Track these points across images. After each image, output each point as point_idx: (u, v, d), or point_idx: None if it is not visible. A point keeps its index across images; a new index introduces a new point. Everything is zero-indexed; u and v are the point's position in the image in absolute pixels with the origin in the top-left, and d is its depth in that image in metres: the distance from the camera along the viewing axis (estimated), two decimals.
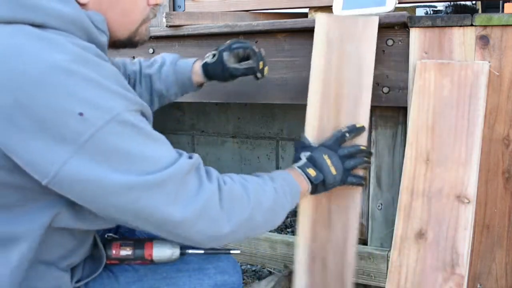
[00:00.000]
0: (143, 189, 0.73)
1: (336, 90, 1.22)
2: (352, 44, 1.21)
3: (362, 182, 1.13)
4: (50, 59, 0.71)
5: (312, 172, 1.06)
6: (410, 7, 1.82)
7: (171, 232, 0.79)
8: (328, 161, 1.07)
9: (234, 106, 2.85)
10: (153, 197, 0.74)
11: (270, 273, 1.93)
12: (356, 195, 1.19)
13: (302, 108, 1.34)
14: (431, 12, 2.25)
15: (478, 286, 1.27)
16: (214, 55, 1.23)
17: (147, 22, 0.94)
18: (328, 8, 1.47)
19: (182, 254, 1.03)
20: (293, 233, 2.30)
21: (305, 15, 1.62)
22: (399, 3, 1.36)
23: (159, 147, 0.78)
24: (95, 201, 0.74)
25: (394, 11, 1.28)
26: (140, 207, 0.75)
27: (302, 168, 1.06)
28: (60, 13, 0.76)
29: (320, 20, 1.24)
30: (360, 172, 1.14)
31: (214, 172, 0.87)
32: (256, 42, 1.44)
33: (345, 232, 1.21)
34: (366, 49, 1.19)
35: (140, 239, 1.03)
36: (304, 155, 1.10)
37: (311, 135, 1.23)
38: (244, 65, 1.22)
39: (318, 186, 1.07)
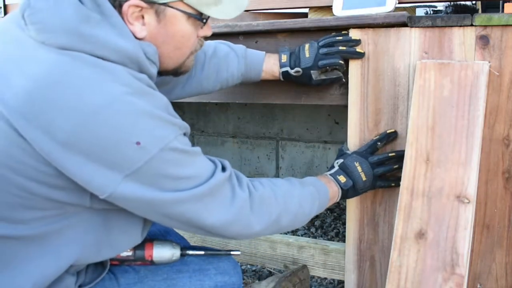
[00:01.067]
0: (187, 202, 0.84)
1: (373, 103, 1.31)
2: (386, 57, 1.27)
3: (391, 184, 1.22)
4: (112, 91, 0.76)
5: (342, 178, 1.16)
6: (410, 7, 1.82)
7: (210, 233, 0.91)
8: (359, 168, 1.17)
9: (234, 106, 2.85)
10: (196, 208, 0.85)
11: (270, 273, 1.93)
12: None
13: (302, 108, 1.35)
14: (431, 12, 2.25)
15: (478, 286, 1.27)
16: (298, 71, 1.24)
17: (194, 54, 0.98)
18: (328, 8, 1.47)
19: (182, 255, 1.03)
20: (293, 233, 2.30)
21: (305, 15, 1.62)
22: (399, 3, 1.36)
23: (200, 164, 0.88)
24: (147, 213, 0.86)
25: (394, 11, 1.28)
26: (184, 216, 0.86)
27: (334, 175, 1.18)
28: (119, 47, 0.80)
29: (354, 36, 1.29)
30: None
31: (244, 179, 0.96)
32: (256, 42, 1.44)
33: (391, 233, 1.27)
34: (399, 62, 1.26)
35: None
36: (337, 163, 1.22)
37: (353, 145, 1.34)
38: (330, 75, 1.26)
39: (349, 191, 1.17)
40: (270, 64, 1.28)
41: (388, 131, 1.26)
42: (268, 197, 0.97)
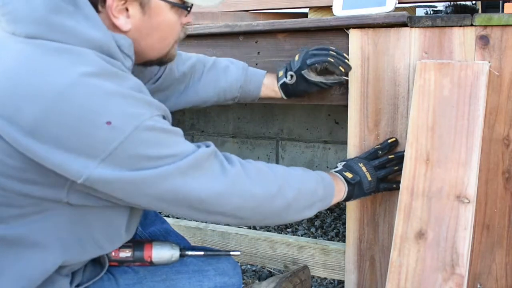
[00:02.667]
0: (172, 176, 0.79)
1: (373, 103, 1.30)
2: (386, 57, 1.27)
3: (393, 186, 1.21)
4: (78, 71, 0.73)
5: (348, 174, 1.14)
6: (410, 7, 1.82)
7: (208, 212, 0.85)
8: (364, 168, 1.16)
9: (234, 106, 2.85)
10: (183, 182, 0.80)
11: (270, 273, 1.93)
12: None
13: (302, 108, 1.35)
14: (431, 12, 2.25)
15: (478, 286, 1.27)
16: (291, 76, 1.24)
17: (177, 43, 0.97)
18: (328, 8, 1.47)
19: (181, 255, 1.03)
20: (293, 233, 2.30)
21: (305, 15, 1.62)
22: (399, 3, 1.36)
23: (182, 144, 0.83)
24: (133, 197, 0.80)
25: (394, 11, 1.28)
26: (172, 193, 0.80)
27: (339, 172, 1.15)
28: (89, 37, 0.78)
29: (354, 36, 1.29)
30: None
31: (234, 157, 0.92)
32: (256, 42, 1.44)
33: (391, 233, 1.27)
34: (399, 62, 1.26)
35: (139, 241, 1.03)
36: (340, 164, 1.21)
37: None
38: (331, 80, 1.25)
39: (355, 189, 1.14)
40: (271, 79, 1.30)
41: (389, 141, 1.26)
42: (264, 170, 0.93)
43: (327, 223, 2.39)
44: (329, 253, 1.54)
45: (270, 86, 1.29)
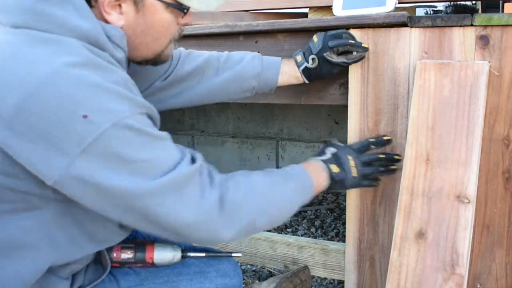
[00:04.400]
0: (149, 193, 0.75)
1: (373, 103, 1.30)
2: (386, 57, 1.27)
3: (374, 184, 1.20)
4: (61, 61, 0.71)
5: (335, 168, 1.09)
6: (410, 7, 1.82)
7: (173, 234, 0.81)
8: (352, 162, 1.11)
9: (234, 106, 2.85)
10: (158, 201, 0.75)
11: (270, 273, 1.93)
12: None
13: (302, 108, 1.34)
14: (431, 12, 2.25)
15: (478, 286, 1.27)
16: (313, 60, 1.22)
17: (173, 42, 0.95)
18: (328, 8, 1.47)
19: (183, 257, 1.03)
20: (293, 233, 2.30)
21: (305, 15, 1.62)
22: (399, 3, 1.36)
23: (162, 150, 0.78)
24: (97, 203, 0.76)
25: (394, 11, 1.28)
26: (140, 211, 0.76)
27: (326, 162, 1.09)
28: (76, 26, 0.77)
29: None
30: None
31: (216, 177, 0.87)
32: (256, 42, 1.44)
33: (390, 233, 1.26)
34: (399, 61, 1.26)
35: (141, 242, 1.03)
36: (329, 151, 1.13)
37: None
38: (352, 58, 1.25)
39: (337, 184, 1.10)
40: (291, 66, 1.26)
41: (385, 138, 1.24)
42: (240, 201, 0.86)
43: (327, 223, 2.39)
44: (329, 253, 1.54)
45: (291, 73, 1.26)
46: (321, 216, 2.49)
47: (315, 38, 1.24)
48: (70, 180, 0.71)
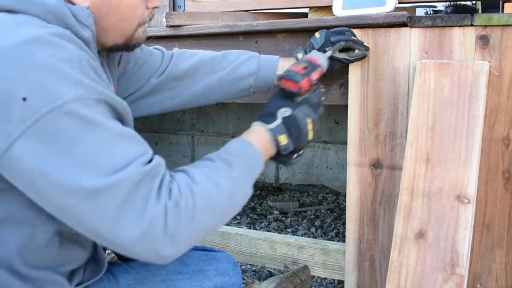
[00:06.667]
0: (80, 195, 0.67)
1: (373, 103, 1.30)
2: (386, 57, 1.28)
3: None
4: (9, 40, 0.69)
5: (283, 140, 0.94)
6: (410, 7, 1.82)
7: (108, 246, 0.72)
8: (310, 126, 0.97)
9: (234, 106, 2.85)
10: (90, 207, 0.67)
11: (270, 273, 1.93)
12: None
13: None
14: (431, 12, 2.25)
15: (478, 286, 1.27)
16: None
17: (143, 26, 0.94)
18: (328, 8, 1.47)
19: None
20: (293, 233, 2.30)
21: (305, 15, 1.62)
22: (399, 3, 1.36)
23: (110, 144, 0.70)
24: (37, 196, 0.70)
25: (394, 11, 1.28)
26: (73, 212, 0.69)
27: (274, 132, 0.94)
28: (39, 2, 0.76)
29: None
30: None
31: (166, 179, 0.74)
32: (256, 42, 1.44)
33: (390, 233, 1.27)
34: (399, 61, 1.27)
35: None
36: (281, 114, 0.97)
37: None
38: (354, 56, 1.25)
39: (282, 157, 0.98)
40: (291, 63, 1.22)
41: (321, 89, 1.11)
42: (188, 205, 0.73)
43: (327, 223, 2.39)
44: (329, 253, 1.54)
45: None
46: (321, 216, 2.49)
47: (317, 34, 1.25)
48: (8, 164, 0.67)
